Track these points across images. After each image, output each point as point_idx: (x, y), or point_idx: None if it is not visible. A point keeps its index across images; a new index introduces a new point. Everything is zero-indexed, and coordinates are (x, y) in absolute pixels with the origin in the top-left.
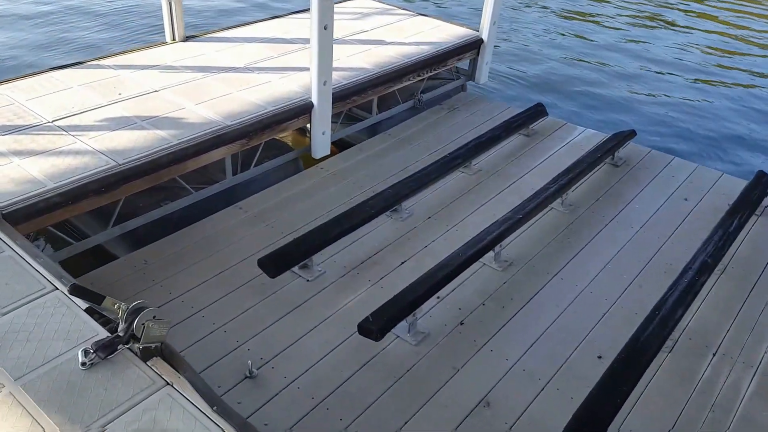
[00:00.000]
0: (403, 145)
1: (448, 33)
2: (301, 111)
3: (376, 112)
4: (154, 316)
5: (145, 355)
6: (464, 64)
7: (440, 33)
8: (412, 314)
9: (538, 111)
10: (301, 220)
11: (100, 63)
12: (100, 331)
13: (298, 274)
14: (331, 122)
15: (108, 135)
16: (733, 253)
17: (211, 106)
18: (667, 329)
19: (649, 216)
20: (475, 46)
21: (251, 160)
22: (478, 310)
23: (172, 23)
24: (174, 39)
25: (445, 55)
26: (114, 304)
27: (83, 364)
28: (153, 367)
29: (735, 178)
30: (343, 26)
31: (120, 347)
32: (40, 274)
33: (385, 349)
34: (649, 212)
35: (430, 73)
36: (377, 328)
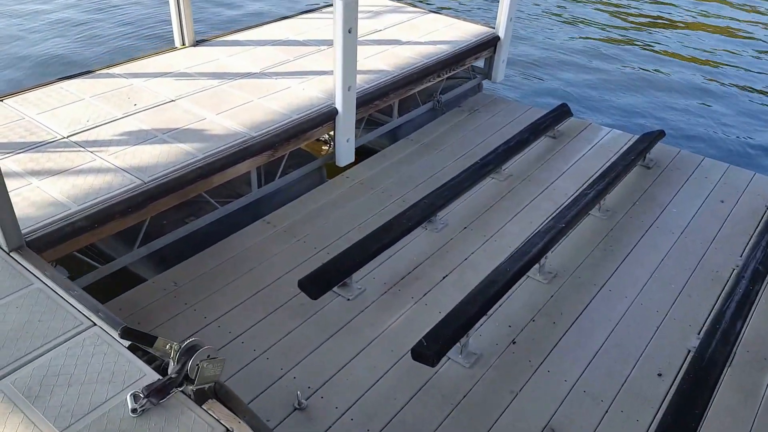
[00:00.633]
0: (428, 151)
1: (463, 31)
2: (326, 118)
3: (396, 115)
4: (209, 356)
5: (200, 398)
6: (479, 62)
7: (455, 31)
8: (465, 335)
9: (563, 112)
10: (333, 234)
11: (111, 71)
12: (148, 372)
13: (338, 293)
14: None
15: (129, 150)
16: None
17: (233, 115)
18: (730, 344)
19: (688, 220)
20: (492, 43)
21: (275, 171)
22: (529, 327)
23: (181, 28)
24: (184, 44)
25: (463, 54)
26: (166, 344)
27: (134, 411)
28: (209, 411)
29: None
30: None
31: (173, 390)
32: (74, 308)
33: (437, 372)
34: (687, 216)
35: (449, 74)
36: (433, 352)
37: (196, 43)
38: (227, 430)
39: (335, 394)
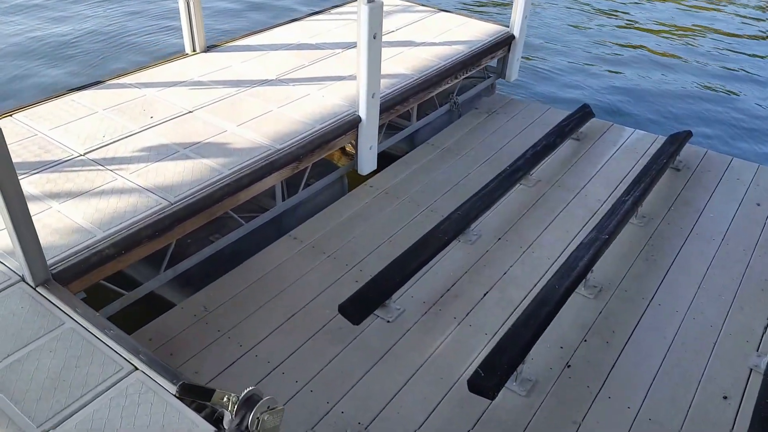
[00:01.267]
0: (450, 156)
1: (477, 30)
2: (350, 127)
3: (415, 119)
4: (269, 407)
5: None
6: (491, 61)
7: (469, 30)
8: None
9: (586, 113)
10: (364, 249)
11: (121, 81)
12: (200, 423)
13: (377, 314)
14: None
15: (150, 168)
16: None
17: (254, 126)
18: None
19: (727, 225)
20: (506, 42)
21: (298, 183)
22: (582, 348)
23: (192, 33)
24: (195, 50)
25: (480, 54)
26: (223, 397)
27: None
28: None
29: None
30: None
31: None
32: (113, 350)
33: (493, 402)
34: (725, 221)
35: (467, 74)
36: (492, 384)
37: (207, 49)
38: None
39: (388, 430)
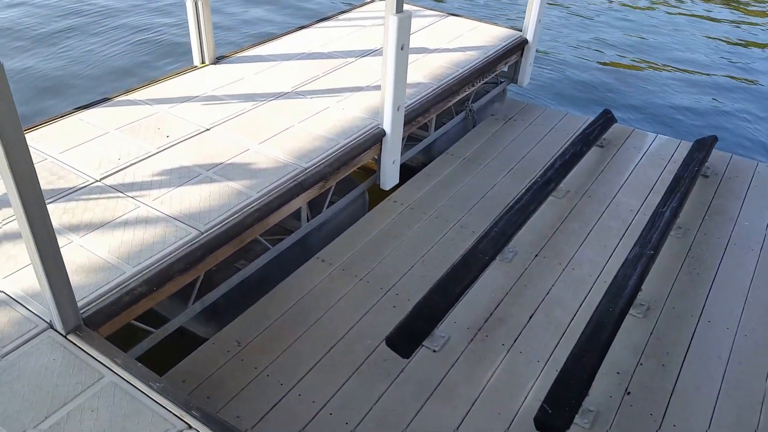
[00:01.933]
0: (472, 167)
1: (489, 35)
2: (374, 141)
3: (433, 129)
4: None
5: None
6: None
7: (481, 35)
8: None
9: (608, 118)
10: (397, 270)
11: (130, 98)
12: None
13: (422, 343)
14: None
15: (174, 193)
16: None
17: (277, 143)
18: None
19: (764, 234)
20: (520, 47)
21: (322, 201)
22: (639, 373)
23: (201, 45)
24: (203, 62)
25: (496, 60)
26: None
27: None
28: None
29: None
30: (377, 33)
31: None
32: (161, 406)
33: None
34: (761, 230)
35: (483, 81)
36: (562, 421)
37: (216, 61)
38: None
39: None
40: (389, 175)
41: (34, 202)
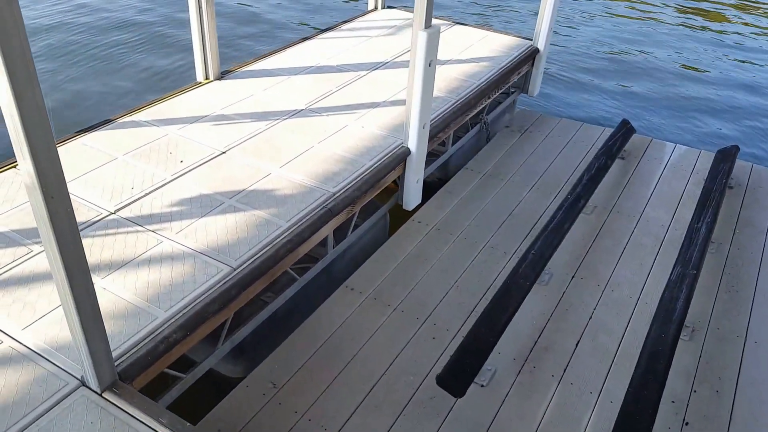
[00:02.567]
0: (494, 182)
1: (499, 44)
2: (399, 160)
3: (450, 144)
4: None
5: None
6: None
7: (491, 45)
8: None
9: (628, 129)
10: (431, 298)
11: (134, 119)
12: None
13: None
14: None
15: (197, 225)
16: None
17: (299, 166)
18: None
19: None
20: (531, 56)
21: (347, 225)
22: (694, 401)
23: (205, 60)
24: (208, 78)
25: (510, 71)
26: None
27: None
28: None
29: None
30: (385, 44)
31: None
32: None
33: None
34: None
35: (498, 93)
36: None
37: (221, 76)
38: None
39: None
40: (413, 195)
41: (70, 243)
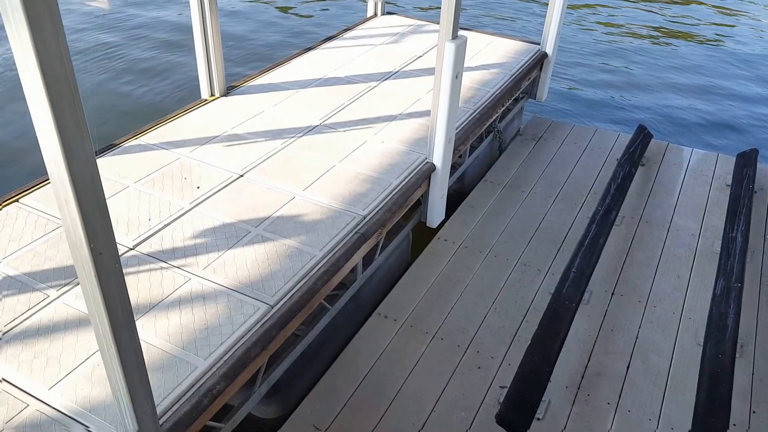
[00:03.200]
0: (516, 194)
1: (506, 49)
2: (425, 177)
3: (467, 155)
4: None
5: None
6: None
7: (499, 50)
8: None
9: (645, 134)
10: (469, 322)
11: (141, 142)
12: None
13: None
14: None
15: (225, 259)
16: None
17: (323, 188)
18: None
19: None
20: (540, 61)
21: (374, 248)
22: (755, 424)
23: (210, 76)
24: (213, 94)
25: (521, 77)
26: None
27: None
28: None
29: None
30: (390, 52)
31: None
32: None
33: None
34: None
35: (511, 100)
36: None
37: (227, 92)
38: None
39: None
40: (437, 211)
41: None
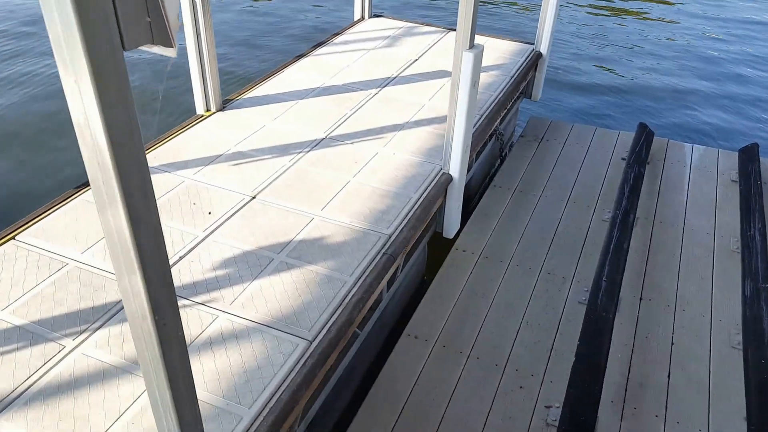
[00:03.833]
0: (527, 199)
1: (501, 50)
2: (443, 188)
3: (474, 160)
4: None
5: None
6: None
7: (494, 51)
8: None
9: (648, 133)
10: (504, 339)
11: None
12: None
13: None
14: None
15: (252, 291)
16: None
17: (342, 207)
18: None
19: None
20: (535, 61)
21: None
22: None
23: (206, 90)
24: (209, 109)
25: (520, 78)
26: None
27: None
28: None
29: None
30: (384, 57)
31: None
32: None
33: None
34: None
35: (512, 101)
36: None
37: (223, 106)
38: None
39: None
40: (453, 222)
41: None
